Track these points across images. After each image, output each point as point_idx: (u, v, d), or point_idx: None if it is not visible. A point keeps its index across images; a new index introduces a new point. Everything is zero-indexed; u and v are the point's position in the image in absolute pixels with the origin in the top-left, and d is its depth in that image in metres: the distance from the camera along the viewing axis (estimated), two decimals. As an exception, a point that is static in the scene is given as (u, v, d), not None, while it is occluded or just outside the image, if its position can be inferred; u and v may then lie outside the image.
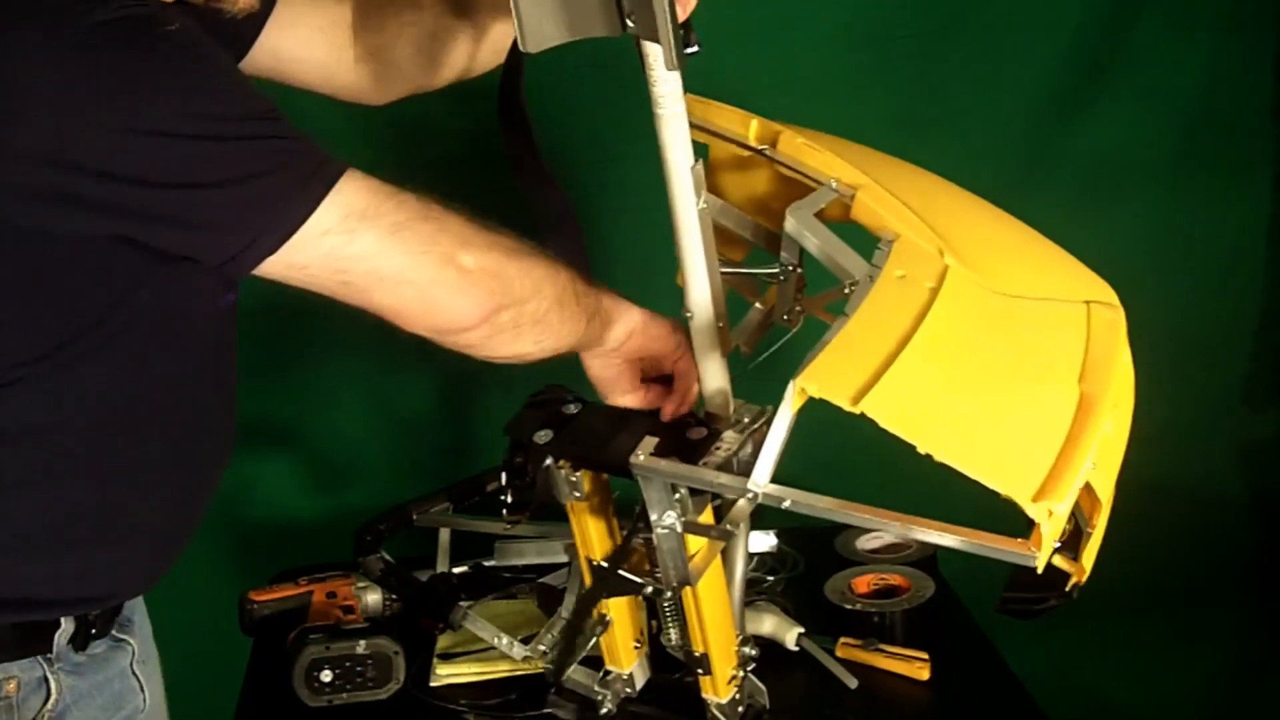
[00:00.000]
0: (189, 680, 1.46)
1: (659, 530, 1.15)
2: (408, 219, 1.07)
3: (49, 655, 1.17)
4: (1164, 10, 1.93)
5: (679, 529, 1.15)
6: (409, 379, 1.96)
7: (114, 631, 1.25)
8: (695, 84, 1.16)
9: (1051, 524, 0.92)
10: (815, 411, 1.03)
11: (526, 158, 1.25)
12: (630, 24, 1.03)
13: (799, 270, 1.27)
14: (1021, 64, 1.92)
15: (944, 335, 1.04)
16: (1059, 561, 1.02)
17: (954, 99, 1.92)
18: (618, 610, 1.32)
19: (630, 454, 1.14)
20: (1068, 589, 1.04)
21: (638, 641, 1.36)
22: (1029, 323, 1.12)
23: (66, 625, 1.18)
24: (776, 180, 1.30)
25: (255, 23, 1.29)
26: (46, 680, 1.17)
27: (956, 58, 1.90)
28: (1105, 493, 1.03)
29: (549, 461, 1.21)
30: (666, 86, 1.08)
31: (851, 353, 1.01)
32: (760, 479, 1.03)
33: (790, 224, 1.17)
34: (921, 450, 0.94)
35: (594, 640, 1.33)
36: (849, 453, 1.60)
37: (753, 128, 1.29)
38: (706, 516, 1.18)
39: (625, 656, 1.35)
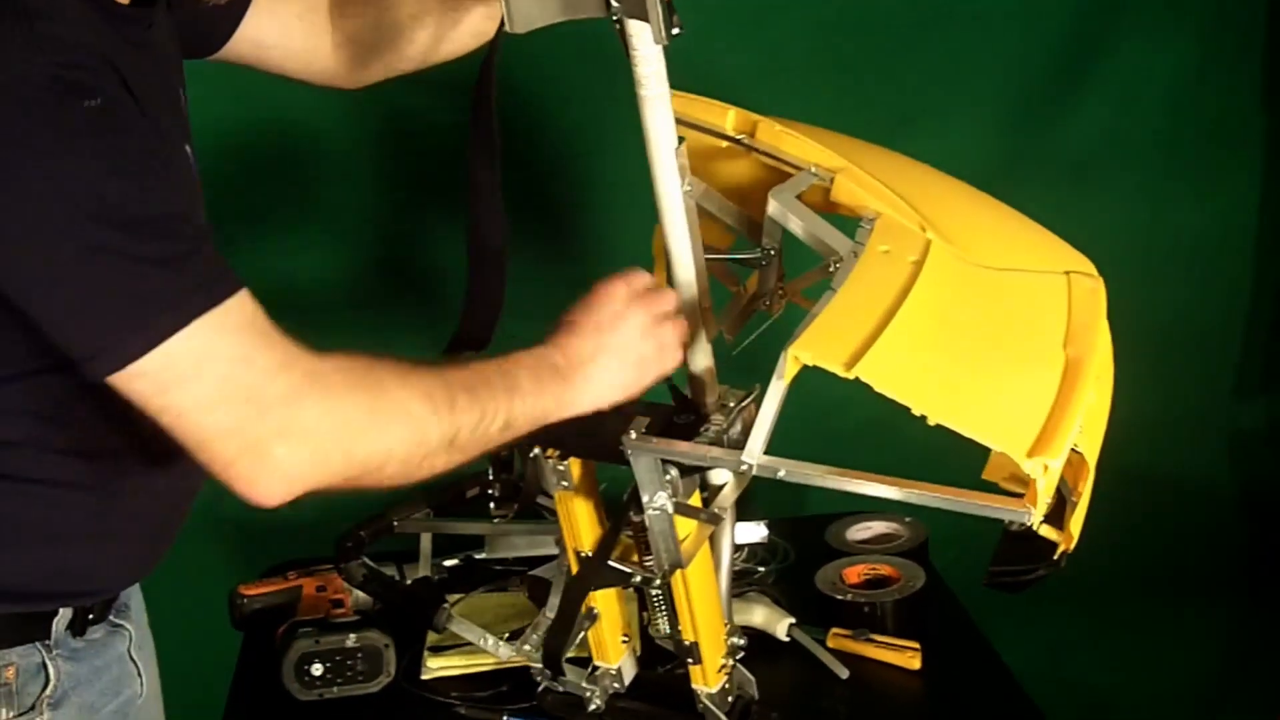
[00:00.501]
0: (180, 675, 1.46)
1: (650, 512, 1.15)
2: (222, 399, 0.97)
3: (47, 642, 1.17)
4: (1155, 2, 1.93)
5: (670, 510, 1.15)
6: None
7: (111, 617, 1.25)
8: (679, 75, 1.16)
9: (1046, 479, 0.93)
10: (799, 402, 1.04)
11: (483, 161, 1.21)
12: (615, 3, 1.03)
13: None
14: (1009, 55, 1.92)
15: (930, 306, 1.05)
16: (1045, 531, 1.03)
17: (940, 90, 1.92)
18: (606, 604, 1.32)
19: (621, 437, 1.13)
20: (1055, 557, 1.05)
21: (626, 635, 1.36)
22: (1012, 293, 1.14)
23: (64, 612, 1.17)
24: (755, 170, 1.30)
25: (237, 10, 1.29)
26: (45, 666, 1.16)
27: (943, 48, 1.90)
28: (1090, 458, 1.04)
29: (536, 451, 1.21)
30: (649, 67, 1.07)
31: (842, 322, 1.02)
32: (754, 451, 1.03)
33: (773, 207, 1.18)
34: (916, 412, 0.95)
35: (581, 635, 1.33)
36: (832, 446, 1.60)
37: (730, 118, 1.29)
38: (694, 501, 1.18)
39: (613, 651, 1.34)
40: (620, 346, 1.15)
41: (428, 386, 1.05)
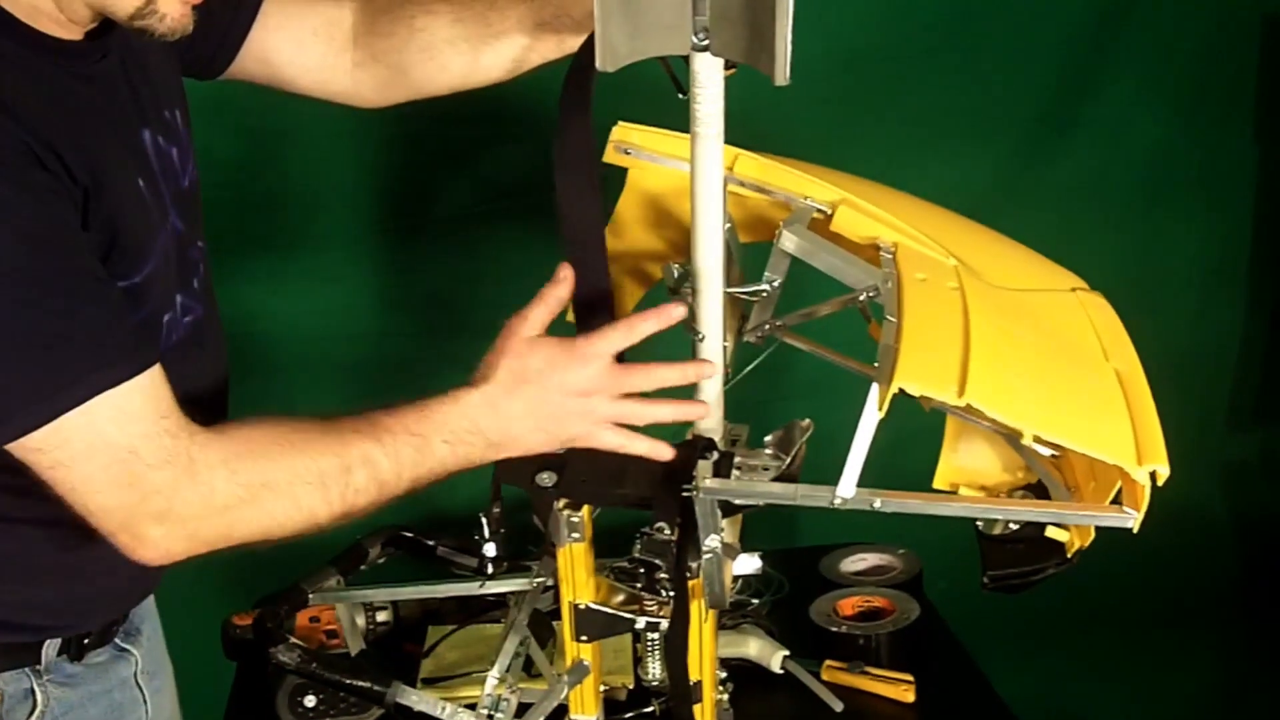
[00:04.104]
0: (172, 705, 1.45)
1: (705, 555, 1.13)
2: (106, 482, 1.00)
3: (37, 667, 1.17)
4: (1147, 32, 1.94)
5: (720, 551, 1.13)
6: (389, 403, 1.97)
7: (117, 640, 1.25)
8: (658, 110, 1.16)
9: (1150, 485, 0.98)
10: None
11: (579, 205, 1.13)
12: (700, 41, 1.00)
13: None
14: (1005, 86, 1.93)
15: (991, 328, 1.06)
16: (1052, 532, 1.06)
17: (936, 123, 1.93)
18: (594, 656, 1.27)
19: (665, 482, 1.12)
20: (1070, 555, 1.06)
21: (604, 685, 1.33)
22: (1041, 312, 1.15)
23: (54, 638, 1.17)
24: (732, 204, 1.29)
25: (239, 28, 1.27)
26: (33, 691, 1.16)
27: (939, 81, 1.91)
28: None
29: (557, 504, 1.17)
30: (710, 107, 1.04)
31: (929, 350, 1.01)
32: (848, 487, 1.03)
33: (789, 241, 1.16)
34: (1028, 433, 0.97)
35: (566, 692, 1.31)
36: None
37: None
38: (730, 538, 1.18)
39: (591, 702, 1.30)
40: (553, 409, 1.10)
41: (323, 470, 1.06)
